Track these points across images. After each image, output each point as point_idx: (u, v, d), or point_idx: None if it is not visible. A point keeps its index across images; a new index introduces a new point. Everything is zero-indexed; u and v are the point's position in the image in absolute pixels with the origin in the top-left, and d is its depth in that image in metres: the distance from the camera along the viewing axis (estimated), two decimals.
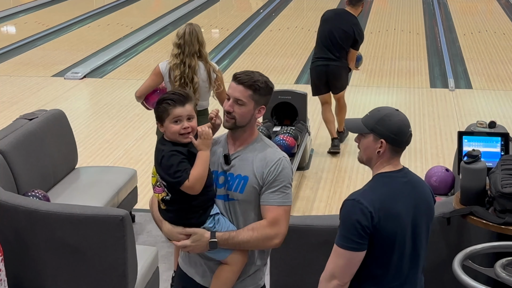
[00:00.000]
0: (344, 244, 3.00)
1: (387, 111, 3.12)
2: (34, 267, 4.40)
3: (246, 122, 3.28)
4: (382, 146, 3.09)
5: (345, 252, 3.00)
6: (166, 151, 3.27)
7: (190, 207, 3.29)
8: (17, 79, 10.99)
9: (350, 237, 2.98)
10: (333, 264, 3.04)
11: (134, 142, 8.23)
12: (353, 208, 2.99)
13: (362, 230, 2.97)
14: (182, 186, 3.22)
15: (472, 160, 3.78)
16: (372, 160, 3.13)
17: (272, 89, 3.32)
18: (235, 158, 3.30)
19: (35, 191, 5.13)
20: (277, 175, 3.24)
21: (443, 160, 7.54)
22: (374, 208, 2.98)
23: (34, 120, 5.71)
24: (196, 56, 5.51)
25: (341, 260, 3.02)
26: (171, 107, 3.29)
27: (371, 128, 3.09)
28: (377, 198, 3.02)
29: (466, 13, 16.35)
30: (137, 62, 12.03)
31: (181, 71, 5.47)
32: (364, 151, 3.13)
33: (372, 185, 3.09)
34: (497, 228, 3.66)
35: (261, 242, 3.27)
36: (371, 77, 11.10)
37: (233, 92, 3.26)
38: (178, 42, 5.51)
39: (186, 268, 3.47)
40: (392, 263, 3.06)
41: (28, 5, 17.19)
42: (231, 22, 15.29)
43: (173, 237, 3.36)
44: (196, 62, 5.50)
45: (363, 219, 2.97)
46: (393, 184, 3.09)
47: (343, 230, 3.01)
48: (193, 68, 5.48)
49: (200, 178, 3.23)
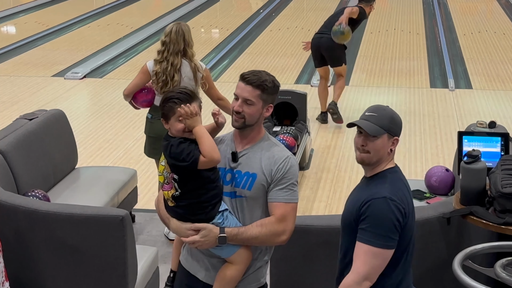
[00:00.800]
0: (383, 243, 2.97)
1: (388, 109, 3.17)
2: (34, 267, 4.40)
3: (255, 121, 3.33)
4: (394, 144, 3.12)
5: (383, 251, 2.98)
6: (173, 141, 3.32)
7: (199, 202, 3.32)
8: (17, 79, 10.99)
9: (389, 235, 2.97)
10: (369, 266, 2.99)
11: (134, 142, 8.22)
12: (388, 206, 2.98)
13: (399, 227, 2.99)
14: (200, 163, 3.26)
15: (472, 160, 3.78)
16: (382, 159, 3.13)
17: (278, 87, 3.37)
18: (243, 156, 3.35)
19: (35, 191, 5.13)
20: (285, 172, 3.29)
21: (443, 160, 7.53)
22: (404, 204, 3.01)
23: (34, 120, 5.71)
24: (180, 54, 5.62)
25: (379, 260, 2.99)
26: (177, 106, 3.32)
27: (387, 128, 3.10)
28: (402, 193, 3.05)
29: (466, 13, 16.35)
30: (137, 62, 12.01)
31: (163, 68, 5.59)
32: (378, 152, 3.11)
33: (391, 181, 3.08)
34: (497, 228, 3.66)
35: (269, 238, 3.31)
36: (371, 77, 11.10)
37: (241, 92, 3.31)
38: (164, 39, 5.65)
39: (189, 265, 3.48)
40: (404, 257, 3.07)
41: (28, 5, 17.19)
42: (231, 22, 15.29)
43: (182, 233, 3.37)
44: (179, 61, 5.61)
45: (399, 215, 2.98)
46: (402, 178, 3.15)
47: (380, 229, 2.97)
48: (175, 66, 5.59)
49: (212, 149, 3.28)
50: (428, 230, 4.11)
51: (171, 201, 3.38)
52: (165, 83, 5.59)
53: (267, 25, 14.91)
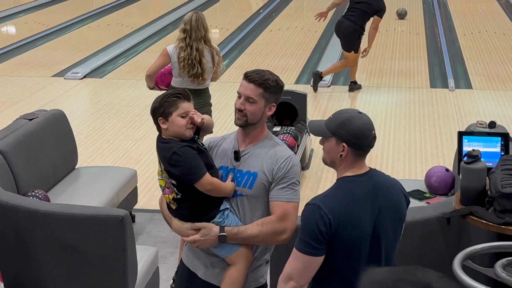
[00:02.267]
0: (302, 248, 2.99)
1: (349, 115, 3.07)
2: (34, 267, 4.40)
3: (257, 120, 3.34)
4: (344, 150, 3.05)
5: (303, 256, 2.99)
6: (177, 147, 3.30)
7: (201, 203, 3.33)
8: (17, 79, 10.99)
9: (309, 242, 2.97)
10: (291, 266, 3.03)
11: (134, 142, 8.23)
12: (313, 213, 2.98)
13: (321, 235, 2.96)
14: (203, 183, 3.29)
15: (472, 160, 3.78)
16: (335, 163, 3.11)
17: (282, 87, 3.38)
18: (245, 155, 3.37)
19: (35, 191, 5.13)
20: (287, 171, 3.30)
21: (443, 160, 7.53)
22: (333, 215, 2.96)
23: (34, 120, 5.71)
24: (202, 40, 6.13)
25: (299, 263, 3.01)
26: (180, 100, 3.34)
27: (333, 132, 3.06)
28: (338, 204, 2.99)
29: (466, 13, 16.35)
30: (137, 62, 12.02)
31: (188, 53, 6.07)
32: (328, 154, 3.11)
33: (333, 190, 3.07)
34: (497, 228, 3.66)
35: (269, 237, 3.32)
36: (371, 77, 11.10)
37: (244, 90, 3.33)
38: (184, 27, 6.14)
39: (189, 262, 3.51)
40: (351, 267, 3.03)
41: (28, 5, 17.19)
42: (231, 22, 15.29)
43: (183, 233, 3.41)
44: (203, 46, 6.11)
45: (322, 225, 2.95)
46: (355, 189, 3.05)
47: (302, 234, 3.00)
48: (201, 51, 6.10)
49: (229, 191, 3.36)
50: (428, 230, 4.11)
51: (173, 204, 3.40)
52: (191, 67, 6.07)
53: (267, 25, 14.91)
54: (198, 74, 6.07)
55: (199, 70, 6.06)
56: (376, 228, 3.05)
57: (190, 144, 3.32)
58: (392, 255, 3.16)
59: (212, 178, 3.30)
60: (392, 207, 3.11)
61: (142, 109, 9.24)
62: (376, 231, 3.05)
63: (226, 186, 3.33)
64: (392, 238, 3.12)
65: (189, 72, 6.07)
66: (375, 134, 3.12)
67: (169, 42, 7.65)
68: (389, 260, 3.14)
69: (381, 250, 3.08)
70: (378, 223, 3.05)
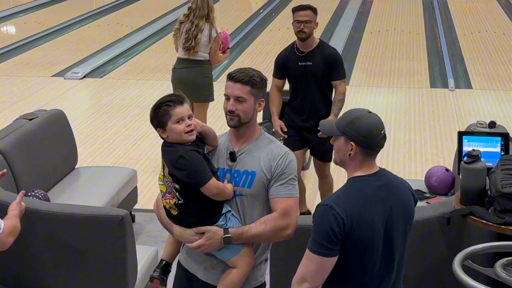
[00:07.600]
0: (315, 249, 2.99)
1: (358, 114, 3.10)
2: (34, 267, 4.40)
3: (250, 118, 3.35)
4: (352, 149, 3.06)
5: (317, 257, 2.99)
6: (183, 151, 3.28)
7: (204, 208, 3.31)
8: (17, 79, 10.99)
9: (322, 243, 2.97)
10: (305, 268, 3.03)
11: (134, 142, 8.23)
12: (326, 214, 2.97)
13: (334, 236, 2.95)
14: (208, 188, 3.26)
15: (472, 160, 3.78)
16: (345, 163, 3.11)
17: (266, 81, 3.41)
18: (241, 155, 3.36)
19: (35, 191, 5.13)
20: (285, 167, 3.31)
21: (443, 160, 7.53)
22: (347, 215, 2.96)
23: (34, 120, 5.71)
24: (204, 18, 6.93)
25: (312, 264, 3.01)
26: (171, 108, 3.31)
27: (342, 131, 3.07)
28: (350, 204, 2.99)
29: (466, 13, 16.35)
30: (137, 62, 12.03)
31: (187, 28, 6.93)
32: (337, 153, 3.13)
33: (345, 190, 3.07)
34: (497, 228, 3.66)
35: (274, 234, 3.32)
36: (371, 77, 11.10)
37: (232, 91, 3.33)
38: (191, 5, 7.01)
39: (188, 265, 3.48)
40: (365, 267, 3.04)
41: (28, 5, 17.19)
42: (231, 22, 15.28)
43: (186, 239, 3.37)
44: (203, 23, 6.90)
45: (335, 225, 2.95)
46: (366, 188, 3.06)
47: (315, 235, 3.00)
48: (200, 28, 6.90)
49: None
50: (428, 230, 4.11)
51: (174, 210, 3.37)
52: (186, 40, 6.91)
53: (267, 25, 14.91)
54: (190, 47, 6.92)
55: (192, 43, 6.88)
56: (388, 227, 3.05)
57: (196, 149, 3.30)
58: (402, 255, 3.16)
59: (218, 182, 3.29)
60: (403, 206, 3.12)
61: (142, 109, 9.24)
62: (388, 231, 3.05)
63: (229, 189, 3.32)
64: (402, 237, 3.13)
65: (183, 45, 6.95)
66: (385, 133, 3.12)
67: (169, 42, 7.66)
68: (400, 259, 3.15)
69: (394, 249, 3.09)
70: (389, 222, 3.06)
